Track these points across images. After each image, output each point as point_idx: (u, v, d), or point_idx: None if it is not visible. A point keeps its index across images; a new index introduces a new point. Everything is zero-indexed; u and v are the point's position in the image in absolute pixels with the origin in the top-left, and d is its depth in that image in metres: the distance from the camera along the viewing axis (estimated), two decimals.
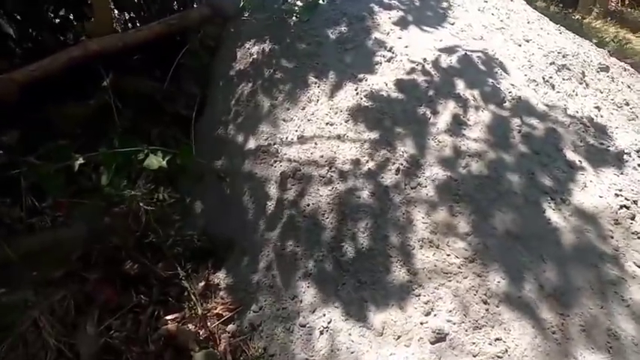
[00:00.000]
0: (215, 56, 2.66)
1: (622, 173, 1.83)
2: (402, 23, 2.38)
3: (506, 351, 1.35)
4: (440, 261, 1.57)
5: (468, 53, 2.21)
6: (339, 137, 1.99)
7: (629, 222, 1.65)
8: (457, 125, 1.94)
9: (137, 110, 2.57)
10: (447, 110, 1.99)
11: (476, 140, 1.88)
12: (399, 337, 1.42)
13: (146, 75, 2.72)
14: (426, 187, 1.76)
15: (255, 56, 2.45)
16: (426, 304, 1.48)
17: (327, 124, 2.05)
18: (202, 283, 1.73)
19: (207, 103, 2.53)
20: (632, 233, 1.62)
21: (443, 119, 1.97)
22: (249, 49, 2.51)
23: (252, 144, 2.11)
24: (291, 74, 2.29)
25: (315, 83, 2.22)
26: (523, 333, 1.39)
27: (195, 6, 2.77)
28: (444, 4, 2.56)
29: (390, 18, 2.44)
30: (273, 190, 1.91)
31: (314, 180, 1.87)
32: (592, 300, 1.45)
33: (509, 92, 2.05)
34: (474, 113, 1.98)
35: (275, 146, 2.04)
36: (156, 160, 1.53)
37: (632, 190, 1.75)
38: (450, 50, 2.22)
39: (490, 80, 2.10)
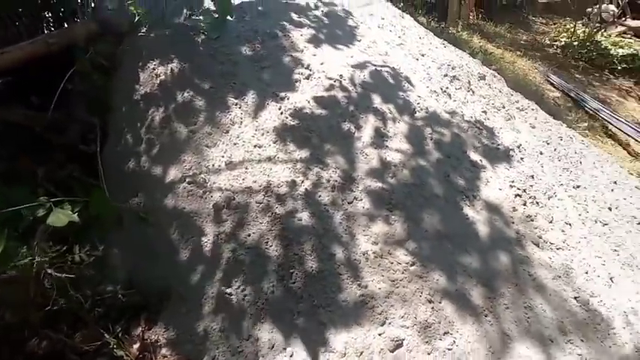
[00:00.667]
0: (112, 78, 2.34)
1: (511, 167, 2.19)
2: (315, 41, 2.44)
3: (454, 342, 1.49)
4: (385, 270, 1.66)
5: (378, 68, 2.38)
6: (270, 159, 1.94)
7: (522, 208, 1.99)
8: (379, 138, 2.07)
9: (13, 147, 2.11)
10: (369, 124, 2.11)
11: (398, 150, 2.04)
12: (361, 353, 1.45)
13: (18, 103, 2.26)
14: (361, 200, 1.84)
15: (162, 77, 2.23)
16: (380, 314, 1.54)
17: (255, 146, 1.99)
18: (137, 345, 1.51)
19: (109, 132, 2.21)
20: (527, 217, 1.96)
21: (366, 133, 2.08)
22: (153, 69, 2.27)
23: (174, 175, 1.92)
24: (207, 96, 2.15)
25: (236, 104, 2.12)
26: (464, 322, 1.55)
27: (79, 21, 2.39)
28: (350, 22, 2.71)
29: (302, 35, 2.48)
30: (207, 224, 1.76)
31: (251, 208, 1.79)
32: (509, 280, 1.70)
33: (418, 103, 2.28)
34: (392, 125, 2.14)
35: (202, 175, 1.89)
36: (63, 215, 1.25)
37: (521, 180, 2.11)
38: (362, 66, 2.36)
39: (401, 93, 2.30)
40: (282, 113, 2.09)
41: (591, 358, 1.52)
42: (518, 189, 2.05)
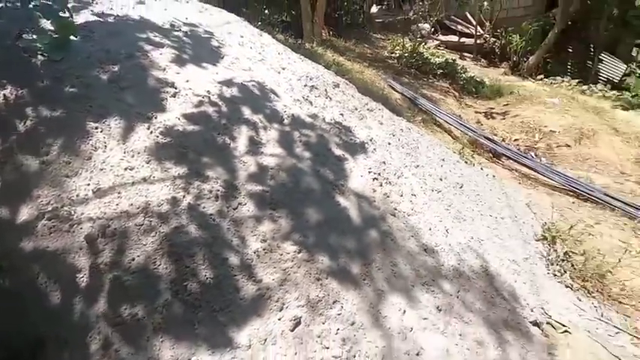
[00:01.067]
0: None
1: (367, 157, 2.63)
2: (177, 60, 2.47)
3: (342, 307, 1.75)
4: (276, 262, 1.82)
5: (244, 83, 2.55)
6: (145, 180, 1.90)
7: (380, 188, 2.43)
8: (254, 145, 2.24)
9: None
10: (242, 134, 2.26)
11: (272, 155, 2.24)
12: (265, 340, 1.58)
13: None
14: (245, 204, 1.97)
15: None
16: (277, 302, 1.69)
17: (125, 169, 1.91)
18: None
19: None
20: (384, 195, 2.40)
21: (241, 142, 2.22)
22: None
23: (28, 214, 1.69)
24: (59, 122, 1.96)
25: (97, 128, 2.00)
26: (348, 290, 1.83)
27: None
28: (212, 41, 2.82)
29: (161, 54, 2.47)
30: (80, 258, 1.62)
31: (131, 232, 1.72)
32: (378, 248, 2.07)
33: (285, 111, 2.53)
34: (264, 133, 2.33)
35: (65, 209, 1.73)
36: None
37: (376, 166, 2.56)
38: (228, 82, 2.50)
39: (268, 104, 2.52)
40: (151, 133, 2.06)
41: (438, 289, 1.99)
42: (375, 173, 2.49)
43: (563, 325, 2.26)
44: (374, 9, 11.33)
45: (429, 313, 1.90)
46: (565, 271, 2.74)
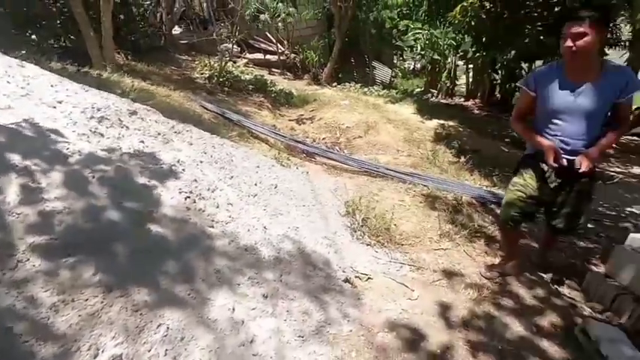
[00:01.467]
0: None
1: (177, 179, 2.67)
2: None
3: (168, 328, 1.77)
4: (82, 309, 1.68)
5: (4, 125, 2.18)
6: None
7: (193, 205, 2.52)
8: (31, 193, 1.97)
9: None
10: (12, 184, 1.95)
11: (58, 198, 2.02)
12: None
13: None
14: (28, 259, 1.73)
15: None
16: (89, 349, 1.57)
17: None
18: None
19: None
20: (199, 210, 2.50)
21: (11, 192, 1.92)
22: None
23: None
24: None
25: None
26: (173, 309, 1.85)
27: None
28: None
29: None
30: None
31: None
32: (199, 261, 2.16)
33: (68, 149, 2.30)
34: (44, 177, 2.07)
35: None
36: None
37: (186, 186, 2.63)
38: None
39: (44, 144, 2.24)
40: None
41: (262, 279, 2.24)
42: (187, 192, 2.56)
43: (366, 275, 2.89)
44: (176, 30, 11.13)
45: (256, 302, 2.12)
46: (364, 234, 3.48)
